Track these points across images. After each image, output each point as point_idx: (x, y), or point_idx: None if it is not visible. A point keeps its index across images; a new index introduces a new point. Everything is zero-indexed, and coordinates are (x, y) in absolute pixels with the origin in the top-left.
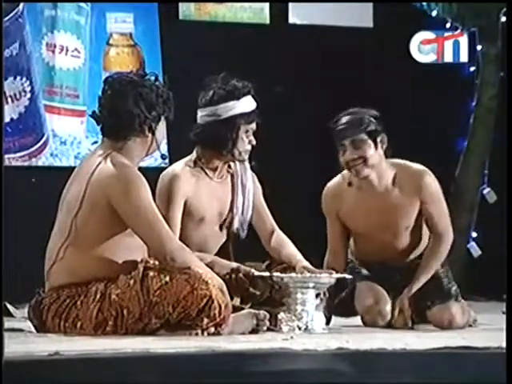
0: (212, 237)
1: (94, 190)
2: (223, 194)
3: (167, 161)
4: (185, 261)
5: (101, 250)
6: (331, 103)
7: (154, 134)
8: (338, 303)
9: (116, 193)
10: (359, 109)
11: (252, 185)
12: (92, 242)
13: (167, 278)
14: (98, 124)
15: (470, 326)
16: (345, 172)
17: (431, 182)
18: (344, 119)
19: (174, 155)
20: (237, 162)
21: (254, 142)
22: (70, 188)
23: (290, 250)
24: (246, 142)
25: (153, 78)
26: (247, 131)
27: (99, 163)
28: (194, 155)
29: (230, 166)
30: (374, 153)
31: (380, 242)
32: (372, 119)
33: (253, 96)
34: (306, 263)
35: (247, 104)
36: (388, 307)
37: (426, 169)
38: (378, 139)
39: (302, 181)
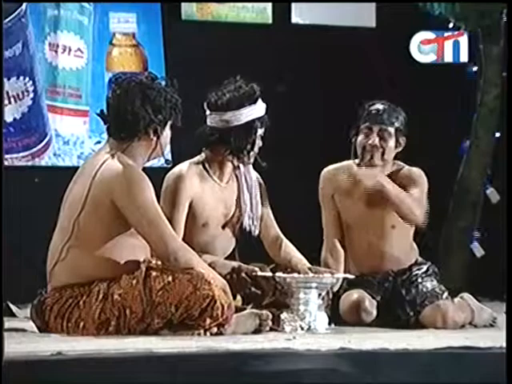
0: (218, 239)
1: (98, 189)
2: (228, 196)
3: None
4: (187, 261)
5: (103, 250)
6: (333, 103)
7: (158, 137)
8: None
9: (120, 192)
10: (389, 103)
11: (257, 182)
12: (95, 242)
13: (170, 278)
14: (105, 123)
15: (492, 325)
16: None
17: (423, 180)
18: (380, 106)
19: (176, 156)
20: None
21: (261, 145)
22: (73, 187)
23: (296, 257)
24: (257, 145)
25: (163, 82)
26: (259, 134)
27: (103, 162)
28: (202, 157)
29: (234, 168)
30: (392, 150)
31: (367, 243)
32: (402, 119)
33: (262, 99)
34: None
35: (261, 108)
36: (372, 304)
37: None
38: (400, 140)
39: (304, 180)
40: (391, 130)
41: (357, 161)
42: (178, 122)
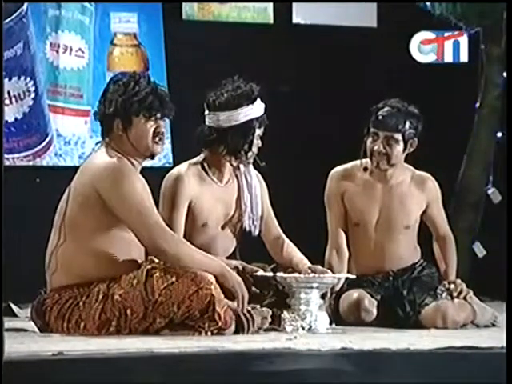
0: (218, 239)
1: (83, 181)
2: (228, 196)
3: (171, 160)
4: (177, 253)
5: (97, 245)
6: (334, 103)
7: (125, 132)
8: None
9: (104, 184)
10: (403, 103)
11: (258, 182)
12: (87, 237)
13: (173, 278)
14: None
15: (494, 325)
16: (364, 160)
17: (436, 186)
18: (387, 110)
19: (178, 157)
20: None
21: (260, 145)
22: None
23: (297, 257)
24: (256, 145)
25: (134, 77)
26: (258, 134)
27: (89, 155)
28: (201, 157)
29: (234, 169)
30: (400, 154)
31: (374, 243)
32: (413, 121)
33: (260, 98)
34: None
35: (260, 107)
36: (372, 303)
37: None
38: (409, 142)
39: (305, 179)
40: (397, 136)
41: (365, 163)
42: (158, 115)
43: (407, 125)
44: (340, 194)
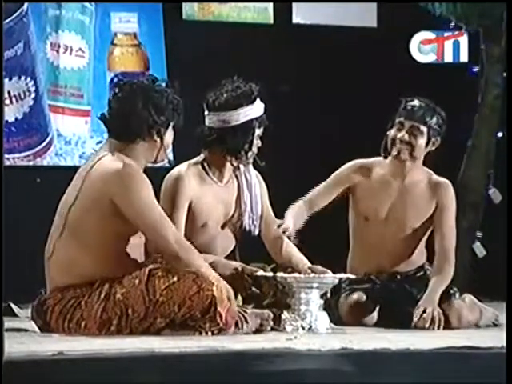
0: (218, 239)
1: (95, 185)
2: (228, 196)
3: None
4: (189, 259)
5: (101, 247)
6: (334, 103)
7: (162, 139)
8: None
9: (119, 190)
10: (431, 101)
11: (257, 182)
12: (93, 239)
13: (175, 278)
14: (106, 127)
15: (496, 324)
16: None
17: (452, 193)
18: (417, 102)
19: (178, 157)
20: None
21: (260, 145)
22: (68, 187)
23: (297, 256)
24: (256, 145)
25: (163, 83)
26: (258, 134)
27: (100, 159)
28: (200, 158)
29: (234, 169)
30: (423, 148)
31: (382, 240)
32: (439, 119)
33: (260, 98)
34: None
35: (259, 108)
36: (373, 306)
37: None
38: (433, 139)
39: (305, 179)
40: (423, 127)
41: (389, 157)
42: (179, 123)
43: (434, 120)
44: (350, 183)
